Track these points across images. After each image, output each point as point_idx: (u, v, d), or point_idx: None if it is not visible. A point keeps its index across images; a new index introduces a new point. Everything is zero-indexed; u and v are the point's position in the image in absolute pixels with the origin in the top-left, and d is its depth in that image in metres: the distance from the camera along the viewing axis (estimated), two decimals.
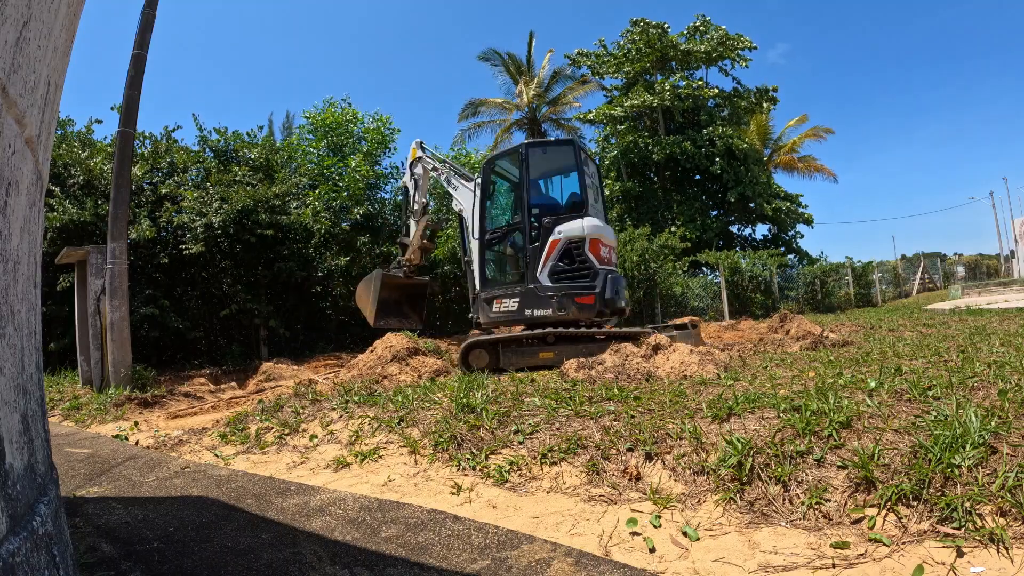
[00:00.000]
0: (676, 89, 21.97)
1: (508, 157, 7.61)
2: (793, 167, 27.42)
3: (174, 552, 2.11)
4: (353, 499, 2.69)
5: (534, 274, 6.58)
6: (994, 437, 2.08)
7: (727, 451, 2.44)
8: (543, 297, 6.45)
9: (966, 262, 38.81)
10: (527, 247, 6.71)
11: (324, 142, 16.11)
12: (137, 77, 7.62)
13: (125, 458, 3.78)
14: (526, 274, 6.68)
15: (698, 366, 4.53)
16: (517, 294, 6.66)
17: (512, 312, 6.66)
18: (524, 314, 6.55)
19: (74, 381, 8.49)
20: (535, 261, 6.61)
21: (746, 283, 18.19)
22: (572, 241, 6.51)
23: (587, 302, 6.39)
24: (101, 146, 12.08)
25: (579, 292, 6.41)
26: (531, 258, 6.65)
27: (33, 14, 1.00)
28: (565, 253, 6.53)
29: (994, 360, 3.60)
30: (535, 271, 6.58)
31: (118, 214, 7.44)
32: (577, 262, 6.51)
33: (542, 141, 7.72)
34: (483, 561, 1.96)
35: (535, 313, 6.48)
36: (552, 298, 6.40)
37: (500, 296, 6.87)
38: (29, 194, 1.13)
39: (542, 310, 6.44)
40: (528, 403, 3.62)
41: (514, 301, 6.67)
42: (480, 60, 29.32)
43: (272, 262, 12.25)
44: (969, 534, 1.75)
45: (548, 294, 6.42)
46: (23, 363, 1.09)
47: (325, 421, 4.12)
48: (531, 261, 6.64)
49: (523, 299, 6.57)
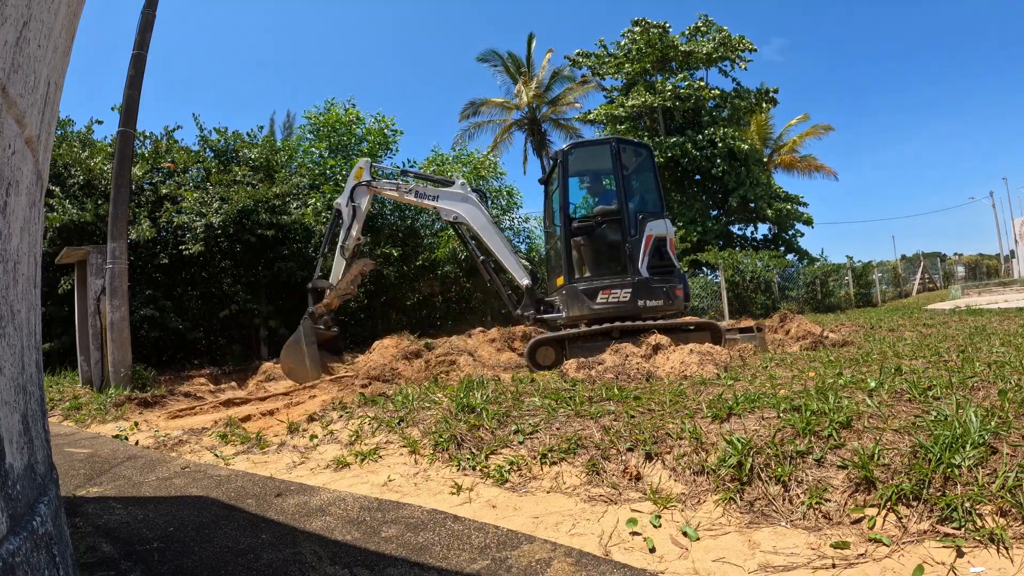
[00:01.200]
0: (677, 90, 21.95)
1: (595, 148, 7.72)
2: (793, 167, 27.44)
3: (174, 552, 2.11)
4: (353, 499, 2.69)
5: (636, 267, 6.74)
6: (994, 437, 2.08)
7: (727, 451, 2.44)
8: (655, 288, 6.67)
9: (966, 262, 38.80)
10: (627, 240, 6.83)
11: (325, 143, 16.09)
12: (137, 77, 7.63)
13: (125, 458, 3.78)
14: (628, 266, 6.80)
15: (698, 366, 4.53)
16: (628, 284, 6.72)
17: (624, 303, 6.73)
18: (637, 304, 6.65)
19: (74, 381, 8.50)
20: (635, 254, 6.78)
21: (747, 283, 18.19)
22: (660, 239, 6.85)
23: (680, 294, 6.87)
24: (101, 146, 12.08)
25: (674, 285, 6.82)
26: (631, 251, 6.80)
27: (33, 14, 1.00)
28: (655, 250, 6.83)
29: (994, 360, 3.60)
30: (637, 264, 6.75)
31: (118, 214, 7.44)
32: (664, 258, 6.85)
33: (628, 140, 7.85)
34: (483, 561, 1.96)
35: (648, 303, 6.65)
36: (662, 289, 6.68)
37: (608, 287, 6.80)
38: (29, 194, 1.14)
39: (654, 300, 6.65)
40: (528, 403, 3.62)
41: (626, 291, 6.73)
42: (479, 61, 29.41)
43: (272, 262, 12.25)
44: (969, 534, 1.75)
45: (658, 285, 6.69)
46: (23, 363, 1.09)
47: (325, 421, 4.12)
48: (631, 254, 6.80)
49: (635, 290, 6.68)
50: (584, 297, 6.78)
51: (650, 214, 7.02)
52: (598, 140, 7.88)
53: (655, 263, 6.79)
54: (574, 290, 6.84)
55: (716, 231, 22.67)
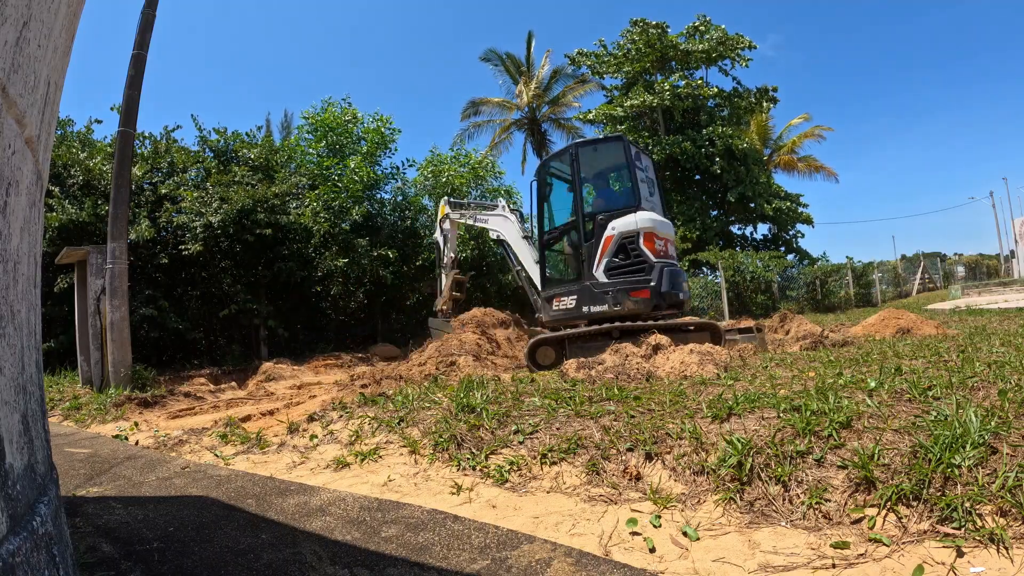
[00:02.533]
0: (676, 89, 21.95)
1: (559, 158, 7.76)
2: (793, 167, 27.42)
3: (174, 552, 2.11)
4: (353, 499, 2.69)
5: (590, 271, 6.70)
6: (994, 437, 2.08)
7: (727, 451, 2.44)
8: (598, 293, 6.57)
9: (966, 262, 38.83)
10: (582, 245, 6.84)
11: (323, 142, 16.10)
12: (137, 77, 7.62)
13: (125, 458, 3.78)
14: (582, 271, 6.80)
15: (698, 366, 4.53)
16: (574, 291, 6.79)
17: (570, 309, 6.80)
18: (581, 311, 6.65)
19: (74, 381, 8.49)
20: (591, 258, 6.73)
21: (747, 283, 18.19)
22: (626, 236, 6.58)
23: (642, 296, 6.45)
24: (101, 146, 12.08)
25: (634, 287, 6.47)
26: (587, 255, 6.77)
27: (33, 14, 1.00)
28: (620, 248, 6.61)
29: (994, 360, 3.60)
30: (591, 268, 6.70)
31: (118, 214, 7.43)
32: (632, 257, 6.56)
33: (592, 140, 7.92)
34: (483, 561, 1.96)
35: (592, 309, 6.60)
36: (607, 294, 6.51)
37: (559, 294, 7.02)
38: (29, 194, 1.13)
39: (598, 306, 6.55)
40: (528, 403, 3.62)
41: (572, 298, 6.81)
42: (481, 61, 29.42)
43: (272, 262, 12.26)
44: (969, 534, 1.75)
45: (603, 290, 6.55)
46: (23, 363, 1.09)
47: (325, 421, 4.12)
48: (587, 258, 6.77)
49: (580, 296, 6.69)
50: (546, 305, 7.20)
51: (617, 212, 6.79)
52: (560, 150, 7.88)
53: (619, 263, 6.58)
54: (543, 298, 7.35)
55: (716, 229, 22.67)
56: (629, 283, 6.48)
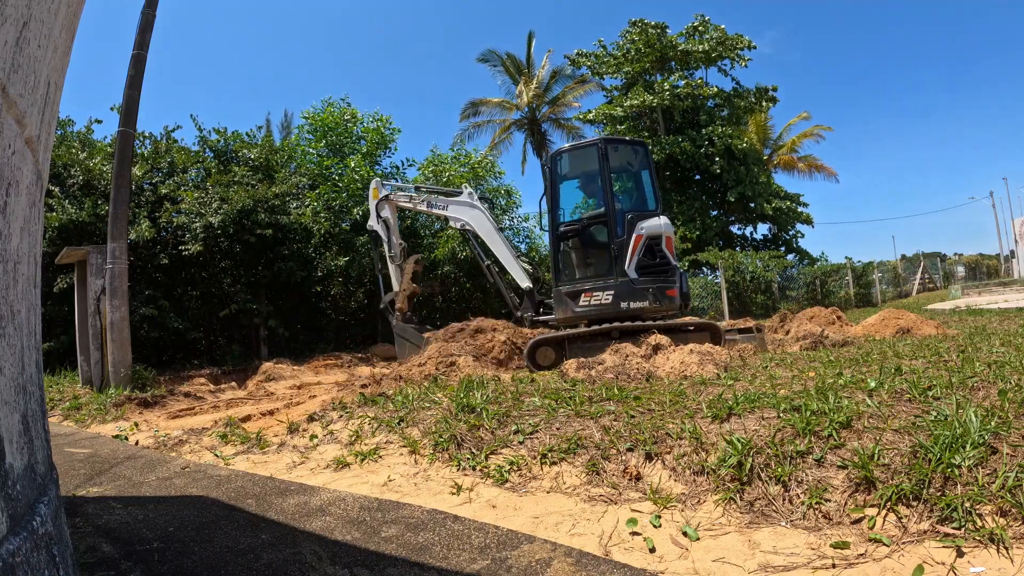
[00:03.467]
0: (675, 89, 21.95)
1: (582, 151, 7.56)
2: (793, 167, 27.42)
3: (174, 552, 2.11)
4: (353, 499, 2.69)
5: (622, 268, 6.61)
6: (994, 437, 2.08)
7: (727, 451, 2.44)
8: (639, 289, 6.52)
9: (966, 262, 38.82)
10: (613, 241, 6.74)
11: (323, 142, 16.10)
12: (137, 77, 7.63)
13: (125, 458, 3.78)
14: (613, 268, 6.68)
15: (698, 366, 4.53)
16: (611, 287, 6.62)
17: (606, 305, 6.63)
18: (620, 306, 6.54)
19: (74, 381, 8.49)
20: (622, 255, 6.64)
21: (747, 283, 18.19)
22: (653, 237, 6.67)
23: (672, 295, 6.66)
24: (101, 146, 12.08)
25: (667, 286, 6.63)
26: (618, 252, 6.68)
27: (33, 14, 1.00)
28: (648, 249, 6.67)
29: (994, 360, 3.60)
30: (623, 265, 6.61)
31: (118, 214, 7.44)
32: (658, 257, 6.66)
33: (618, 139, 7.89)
34: (483, 561, 1.96)
35: (632, 305, 6.51)
36: (648, 291, 6.52)
37: (590, 289, 6.76)
38: (29, 194, 1.13)
39: (638, 302, 6.50)
40: (528, 403, 3.62)
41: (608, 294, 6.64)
42: (479, 62, 29.41)
43: (272, 262, 12.25)
44: (969, 534, 1.75)
45: (643, 287, 6.53)
46: (23, 363, 1.09)
47: (325, 421, 4.12)
48: (618, 255, 6.67)
49: (618, 292, 6.57)
50: (567, 300, 6.87)
51: (643, 213, 6.91)
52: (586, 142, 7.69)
53: (647, 263, 6.67)
54: (559, 293, 6.98)
55: (716, 229, 22.66)
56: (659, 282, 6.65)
